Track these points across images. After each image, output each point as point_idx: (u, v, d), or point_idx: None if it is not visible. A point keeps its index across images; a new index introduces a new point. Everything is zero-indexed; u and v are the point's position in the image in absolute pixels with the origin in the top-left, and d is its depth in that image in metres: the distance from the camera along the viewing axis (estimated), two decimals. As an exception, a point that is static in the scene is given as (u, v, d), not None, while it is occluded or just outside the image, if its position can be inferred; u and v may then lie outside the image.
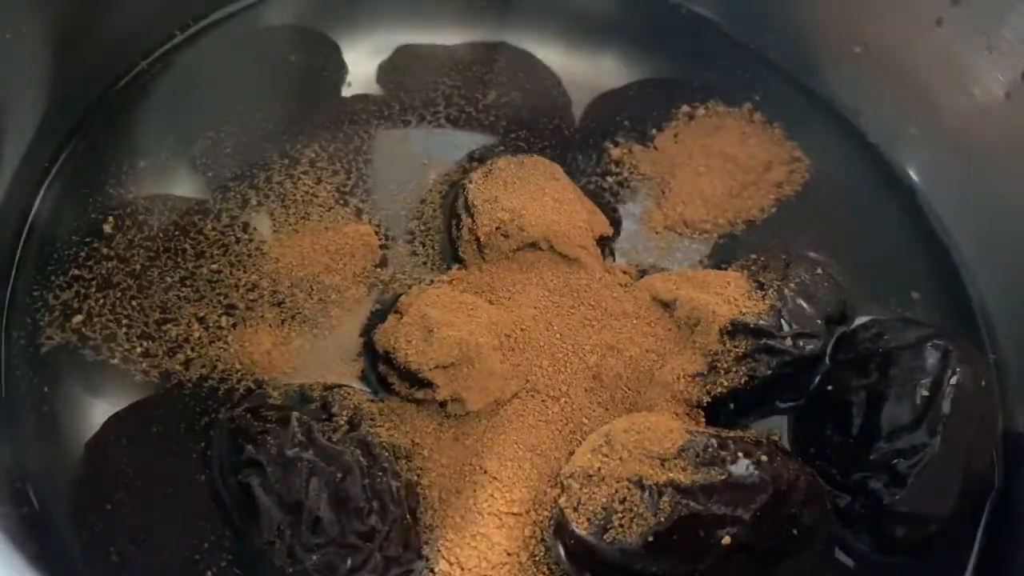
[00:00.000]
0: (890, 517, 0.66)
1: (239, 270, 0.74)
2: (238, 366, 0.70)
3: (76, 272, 0.73)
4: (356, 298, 0.75)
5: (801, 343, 0.70)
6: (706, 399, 0.69)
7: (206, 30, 0.87)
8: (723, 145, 0.85)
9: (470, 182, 0.76)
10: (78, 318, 0.71)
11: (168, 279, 0.73)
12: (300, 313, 0.73)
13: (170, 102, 0.82)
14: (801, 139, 0.86)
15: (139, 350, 0.70)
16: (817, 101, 0.90)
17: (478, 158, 0.80)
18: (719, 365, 0.69)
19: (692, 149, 0.85)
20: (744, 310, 0.70)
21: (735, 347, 0.69)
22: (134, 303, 0.72)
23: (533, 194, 0.75)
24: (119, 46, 0.83)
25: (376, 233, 0.77)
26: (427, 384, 0.67)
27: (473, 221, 0.74)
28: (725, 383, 0.69)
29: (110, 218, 0.76)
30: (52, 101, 0.77)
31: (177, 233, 0.75)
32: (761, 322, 0.69)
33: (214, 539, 0.63)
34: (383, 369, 0.70)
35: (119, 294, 0.72)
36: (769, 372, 0.69)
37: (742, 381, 0.69)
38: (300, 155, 0.80)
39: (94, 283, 0.73)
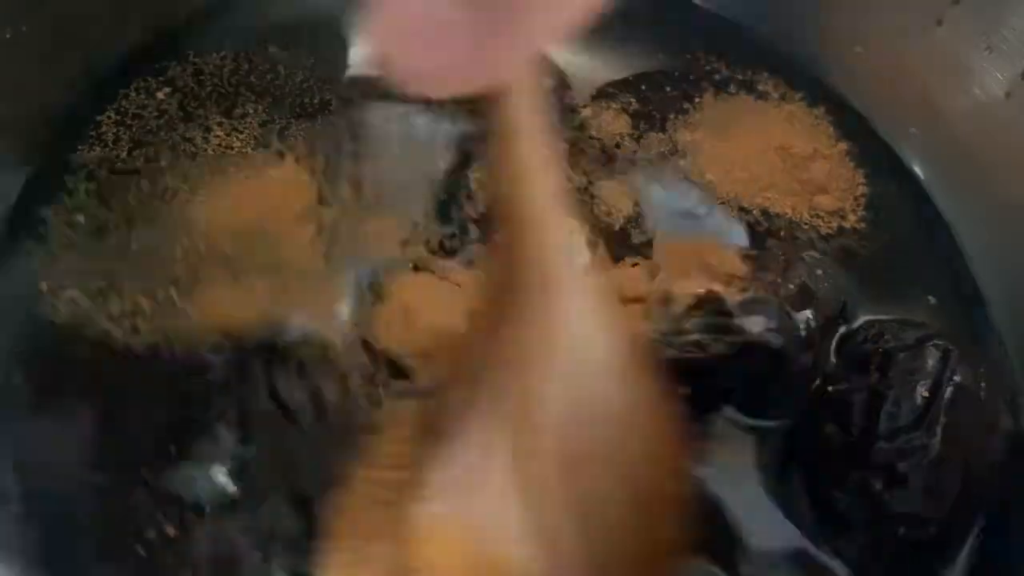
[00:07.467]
0: (890, 517, 0.66)
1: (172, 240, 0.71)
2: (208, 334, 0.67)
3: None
4: (308, 238, 0.71)
5: (759, 331, 0.68)
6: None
7: (204, 19, 0.87)
8: (766, 134, 0.84)
9: (477, 172, 0.76)
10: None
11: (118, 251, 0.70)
12: (252, 264, 0.69)
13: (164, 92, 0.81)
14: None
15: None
16: (823, 95, 0.89)
17: (479, 160, 0.79)
18: (669, 333, 0.68)
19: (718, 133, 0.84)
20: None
21: (688, 319, 0.69)
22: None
23: None
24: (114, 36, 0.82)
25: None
26: (405, 372, 0.67)
27: (477, 202, 0.74)
28: (673, 350, 0.68)
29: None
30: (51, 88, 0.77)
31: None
32: (724, 305, 0.69)
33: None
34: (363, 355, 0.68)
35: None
36: (721, 349, 0.68)
37: (689, 352, 0.68)
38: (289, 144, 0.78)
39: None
